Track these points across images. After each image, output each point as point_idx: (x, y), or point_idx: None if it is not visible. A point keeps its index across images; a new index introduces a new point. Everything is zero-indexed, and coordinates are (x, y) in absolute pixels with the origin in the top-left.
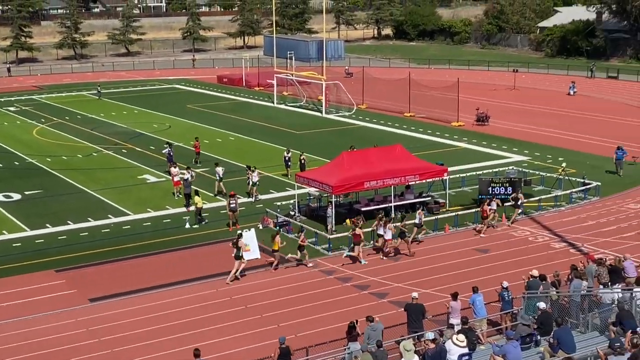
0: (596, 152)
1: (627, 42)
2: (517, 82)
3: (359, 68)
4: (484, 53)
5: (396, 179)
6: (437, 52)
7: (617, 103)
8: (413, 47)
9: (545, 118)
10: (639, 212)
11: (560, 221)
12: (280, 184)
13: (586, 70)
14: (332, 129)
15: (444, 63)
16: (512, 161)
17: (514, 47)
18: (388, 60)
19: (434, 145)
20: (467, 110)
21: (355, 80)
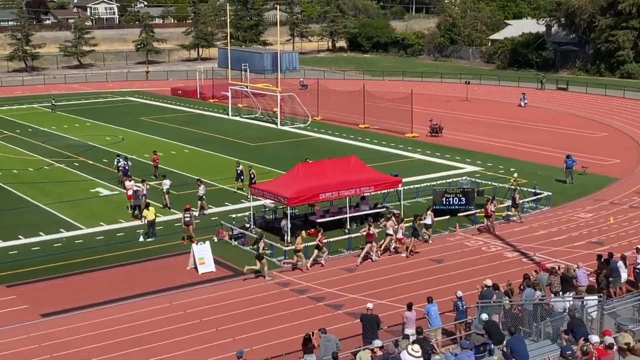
0: (547, 162)
1: (576, 54)
2: (469, 94)
3: (314, 80)
4: (437, 65)
5: (351, 190)
6: (391, 64)
7: (566, 114)
8: (367, 59)
9: (497, 129)
10: (589, 221)
11: (513, 231)
12: (235, 196)
13: (536, 82)
14: (287, 141)
15: (397, 75)
16: (465, 172)
17: (466, 59)
18: (342, 72)
19: (388, 156)
20: (421, 121)
21: (310, 92)
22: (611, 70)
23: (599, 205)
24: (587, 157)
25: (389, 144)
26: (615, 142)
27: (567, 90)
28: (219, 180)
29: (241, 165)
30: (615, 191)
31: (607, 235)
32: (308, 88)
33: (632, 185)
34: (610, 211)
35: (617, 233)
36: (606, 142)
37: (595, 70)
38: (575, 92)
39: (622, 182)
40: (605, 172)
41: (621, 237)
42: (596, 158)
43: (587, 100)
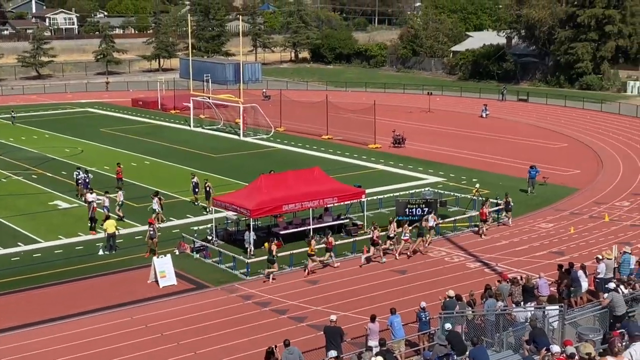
0: (508, 172)
1: (536, 66)
2: (431, 105)
3: (277, 91)
4: (399, 76)
5: (314, 202)
6: (354, 75)
7: (527, 125)
8: (330, 70)
9: (459, 140)
10: (550, 231)
11: (475, 241)
12: (197, 208)
13: (498, 93)
14: (250, 152)
15: (360, 86)
16: (428, 182)
17: (428, 71)
18: (305, 83)
19: (351, 167)
20: (384, 132)
21: (272, 103)
22: (570, 81)
23: (559, 215)
24: (547, 168)
25: (352, 155)
26: (575, 153)
27: (527, 101)
28: (180, 192)
29: (196, 177)
30: (576, 201)
31: (568, 245)
32: (271, 99)
33: (591, 196)
34: (571, 221)
35: (578, 243)
36: (566, 153)
37: (555, 81)
38: (536, 103)
39: (582, 192)
40: (565, 183)
41: (581, 247)
42: (556, 168)
43: (547, 111)
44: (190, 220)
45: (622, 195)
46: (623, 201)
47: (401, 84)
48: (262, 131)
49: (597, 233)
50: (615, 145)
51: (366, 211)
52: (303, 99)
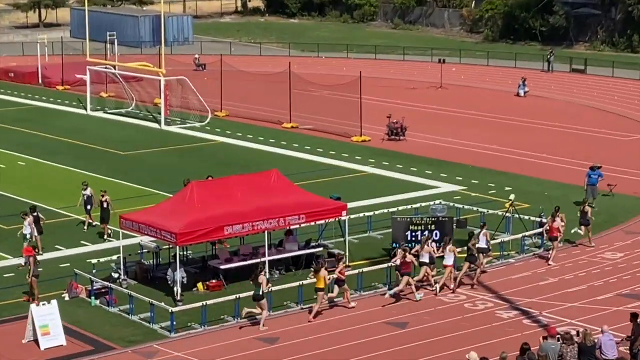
0: (557, 177)
1: (597, 20)
2: (444, 78)
3: (216, 57)
4: (397, 35)
5: (272, 221)
6: (330, 34)
7: (585, 107)
8: (295, 27)
9: (484, 129)
10: (619, 264)
11: (509, 279)
12: (94, 230)
13: (541, 61)
14: (176, 148)
15: (340, 50)
16: (440, 192)
17: (439, 28)
18: (258, 45)
19: (326, 170)
20: (375, 118)
21: (210, 75)
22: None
23: (632, 240)
24: (614, 171)
25: (328, 152)
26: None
27: (585, 72)
28: (70, 208)
29: (89, 188)
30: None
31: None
32: (207, 69)
33: None
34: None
35: None
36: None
37: (626, 43)
38: (598, 75)
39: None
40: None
41: None
42: (628, 172)
43: (614, 86)
44: (86, 250)
45: None
46: None
47: (400, 47)
48: (194, 117)
49: None
50: None
51: (348, 235)
52: (255, 69)
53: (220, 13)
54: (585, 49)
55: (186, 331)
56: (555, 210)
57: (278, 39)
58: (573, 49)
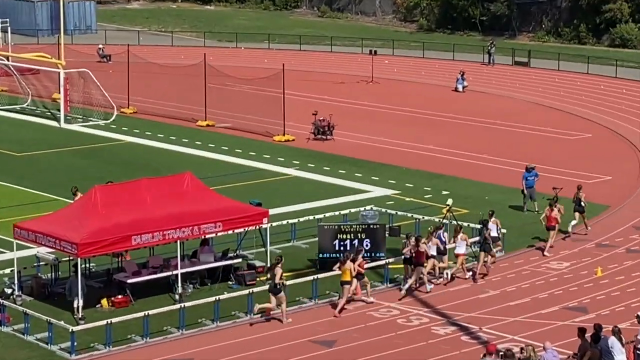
0: (499, 180)
1: (542, 9)
2: (376, 71)
3: (122, 47)
4: (324, 24)
5: (185, 230)
6: (250, 23)
7: (528, 103)
8: (210, 14)
9: (419, 128)
10: (564, 274)
11: (446, 292)
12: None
13: (481, 53)
14: (77, 148)
15: (260, 40)
16: (371, 197)
17: (370, 16)
18: (170, 34)
19: (246, 173)
20: (300, 116)
21: (116, 68)
22: (596, 34)
23: (579, 248)
24: (560, 172)
25: (248, 153)
26: (605, 148)
27: (528, 65)
28: None
29: None
30: (606, 226)
31: (593, 296)
32: (112, 61)
33: (630, 217)
34: (597, 258)
35: (608, 293)
36: (590, 148)
37: (572, 34)
38: (542, 68)
39: (615, 212)
40: (589, 197)
41: (614, 299)
42: (575, 173)
43: (559, 81)
44: None
45: None
46: None
47: (327, 37)
48: (98, 114)
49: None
50: None
51: (270, 244)
52: (165, 61)
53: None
54: (528, 40)
55: (88, 353)
56: (554, 199)
57: (192, 28)
58: (516, 39)
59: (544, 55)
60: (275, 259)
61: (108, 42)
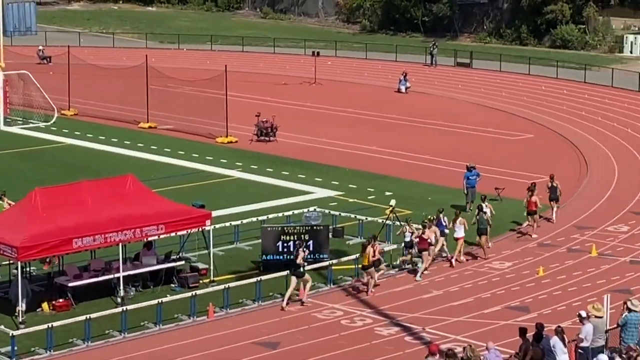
0: (442, 181)
1: (484, 10)
2: (319, 73)
3: (63, 49)
4: (266, 25)
5: (127, 233)
6: (192, 24)
7: (470, 104)
8: (152, 15)
9: (362, 129)
10: (507, 274)
11: (390, 292)
12: None
13: (424, 54)
14: (17, 151)
15: (203, 41)
16: (314, 199)
17: (313, 17)
18: (111, 35)
19: (188, 175)
20: (243, 117)
21: (56, 69)
22: (537, 35)
23: (521, 248)
24: (503, 173)
25: (190, 155)
26: (546, 149)
27: (470, 66)
28: None
29: None
30: (547, 226)
31: (535, 295)
32: (52, 62)
33: (571, 217)
34: (539, 258)
35: (550, 292)
36: (532, 149)
37: (514, 35)
38: (484, 69)
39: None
40: None
41: (556, 299)
42: (517, 174)
43: (501, 82)
44: None
45: (618, 216)
46: (619, 224)
47: (269, 39)
48: (38, 116)
49: (580, 276)
50: (607, 137)
51: (213, 247)
52: (107, 63)
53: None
54: (470, 41)
55: (29, 357)
56: (533, 184)
57: (134, 29)
58: (458, 40)
59: (485, 56)
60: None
61: (48, 44)
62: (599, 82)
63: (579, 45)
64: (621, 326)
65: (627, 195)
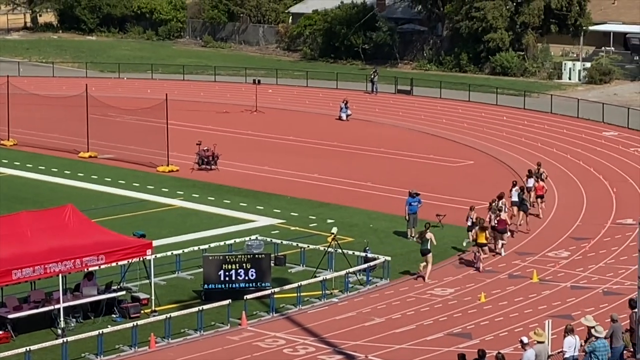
0: (383, 208)
1: (424, 37)
2: (260, 101)
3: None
4: (207, 54)
5: (67, 263)
6: (132, 53)
7: (411, 131)
8: (92, 44)
9: (304, 157)
10: (448, 300)
11: (333, 320)
12: None
13: (364, 82)
14: None
15: (143, 70)
16: (256, 227)
17: (254, 45)
18: (51, 65)
19: (129, 204)
20: (184, 146)
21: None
22: (477, 62)
23: (463, 274)
24: (443, 200)
25: (131, 184)
26: (486, 175)
27: (411, 93)
28: None
29: None
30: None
31: (477, 322)
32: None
33: (511, 243)
34: (480, 284)
35: (492, 318)
36: (472, 175)
37: (453, 62)
38: (425, 96)
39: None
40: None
41: (497, 325)
42: (456, 200)
43: (442, 108)
44: None
45: (558, 241)
46: (559, 250)
47: (210, 67)
48: None
49: (522, 302)
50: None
51: (154, 276)
52: (47, 92)
53: (6, 29)
54: (411, 69)
55: None
56: (538, 167)
57: (74, 58)
58: (398, 68)
59: (426, 83)
60: (425, 225)
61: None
62: (538, 108)
63: (518, 72)
64: (589, 353)
65: (567, 221)
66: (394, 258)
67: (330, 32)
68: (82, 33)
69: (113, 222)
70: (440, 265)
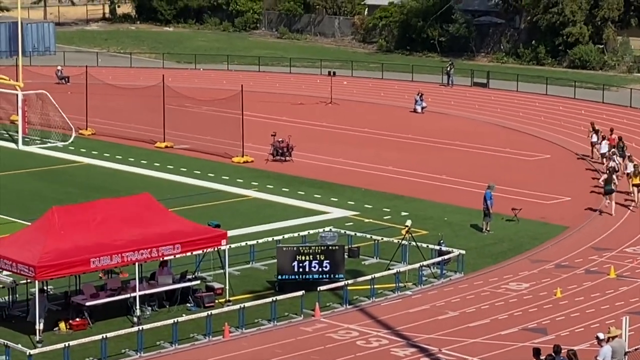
0: (458, 201)
1: (501, 30)
2: (335, 92)
3: (81, 69)
4: (283, 45)
5: (143, 252)
6: (209, 44)
7: (487, 124)
8: (169, 36)
9: (379, 149)
10: (524, 295)
11: (406, 313)
12: None
13: (440, 74)
14: (35, 170)
15: (219, 61)
16: (330, 219)
17: (329, 37)
18: (129, 55)
19: (204, 194)
20: (259, 137)
21: (74, 89)
22: (555, 55)
23: (538, 269)
24: (519, 194)
25: (206, 174)
26: (564, 170)
27: (487, 86)
28: None
29: None
30: (564, 247)
31: (552, 317)
32: (71, 82)
33: (589, 238)
34: (557, 279)
35: (568, 314)
36: (549, 170)
37: (531, 55)
38: (501, 89)
39: (573, 233)
40: (547, 217)
41: (573, 321)
42: (534, 194)
43: (518, 102)
44: None
45: (636, 237)
46: (637, 246)
47: (285, 58)
48: (56, 135)
49: (599, 297)
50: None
51: (229, 266)
52: (124, 83)
53: (86, 20)
54: (487, 61)
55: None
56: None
57: (151, 49)
58: (475, 60)
59: (502, 76)
60: (609, 171)
61: (66, 64)
62: (617, 102)
63: (597, 65)
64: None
65: None
66: (469, 252)
67: (406, 24)
68: (159, 24)
69: (188, 211)
70: (516, 259)
